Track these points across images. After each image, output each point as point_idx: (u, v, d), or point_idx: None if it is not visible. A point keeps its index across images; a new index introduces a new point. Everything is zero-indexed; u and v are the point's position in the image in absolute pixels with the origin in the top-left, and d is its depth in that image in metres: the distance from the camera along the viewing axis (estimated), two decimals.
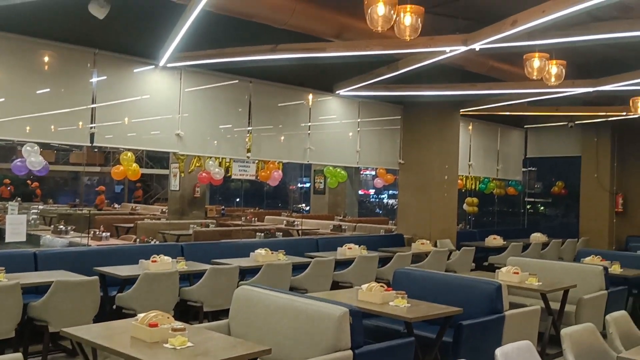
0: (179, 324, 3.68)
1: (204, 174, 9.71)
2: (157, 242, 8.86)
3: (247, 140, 8.75)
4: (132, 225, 12.32)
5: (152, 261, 6.31)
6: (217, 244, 8.62)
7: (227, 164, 9.28)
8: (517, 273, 6.55)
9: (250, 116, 8.78)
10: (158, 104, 7.83)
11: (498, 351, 3.46)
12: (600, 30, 6.09)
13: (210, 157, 9.37)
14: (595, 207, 13.06)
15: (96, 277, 5.70)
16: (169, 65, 7.62)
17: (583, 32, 6.14)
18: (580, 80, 8.48)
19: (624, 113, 10.65)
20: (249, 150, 8.74)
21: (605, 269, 7.20)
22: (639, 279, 7.97)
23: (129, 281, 6.07)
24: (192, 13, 5.52)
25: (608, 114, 11.18)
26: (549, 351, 6.27)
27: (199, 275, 6.63)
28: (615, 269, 7.84)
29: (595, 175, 12.95)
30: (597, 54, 9.30)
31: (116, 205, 18.97)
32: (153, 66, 7.68)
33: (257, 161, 9.43)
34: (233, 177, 9.07)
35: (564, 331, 4.00)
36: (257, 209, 17.44)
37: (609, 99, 10.40)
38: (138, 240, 8.85)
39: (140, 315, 3.74)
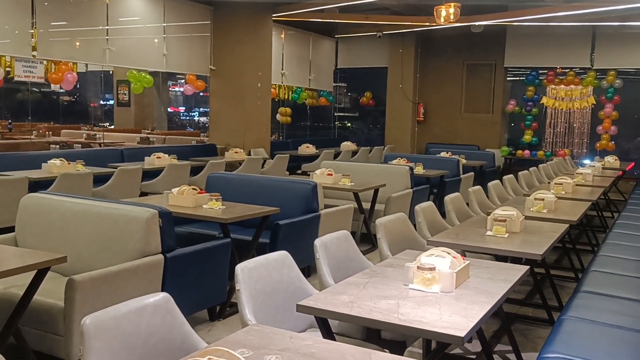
0: None
1: None
2: None
3: (32, 37, 7.55)
4: None
5: None
6: (2, 156, 7.48)
7: (8, 63, 7.97)
8: (331, 175, 6.60)
9: (34, 8, 7.54)
10: None
11: (317, 241, 3.33)
12: None
13: None
14: (399, 117, 13.77)
15: None
16: None
17: None
18: None
19: (427, 23, 11.10)
20: (34, 49, 7.55)
21: (411, 169, 7.58)
22: (437, 180, 8.54)
23: None
24: None
25: (413, 23, 11.59)
26: (361, 248, 6.41)
27: None
28: (419, 169, 8.31)
29: (400, 85, 13.55)
30: None
31: None
32: None
33: (45, 62, 8.23)
34: (16, 78, 7.83)
35: (379, 220, 4.01)
36: (52, 124, 15.70)
37: (416, 9, 10.72)
38: None
39: None
